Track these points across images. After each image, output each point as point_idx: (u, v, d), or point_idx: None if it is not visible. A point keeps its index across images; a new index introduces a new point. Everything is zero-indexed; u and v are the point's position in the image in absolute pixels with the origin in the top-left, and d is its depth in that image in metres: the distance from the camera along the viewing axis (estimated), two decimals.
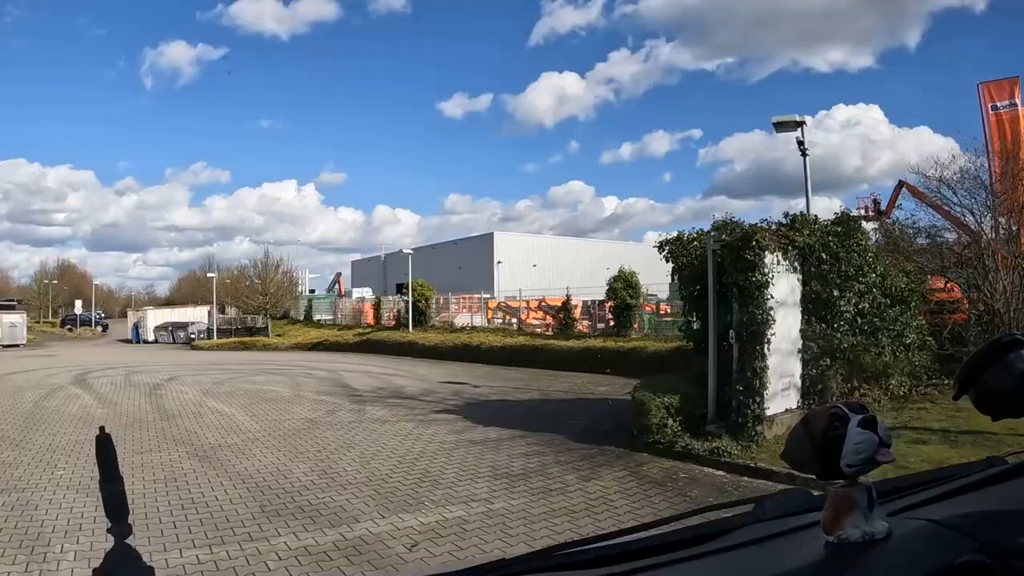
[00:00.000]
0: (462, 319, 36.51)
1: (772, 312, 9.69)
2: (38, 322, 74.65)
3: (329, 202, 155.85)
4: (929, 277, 14.72)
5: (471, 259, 61.98)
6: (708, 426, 9.62)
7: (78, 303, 66.18)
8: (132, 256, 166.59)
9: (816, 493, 1.26)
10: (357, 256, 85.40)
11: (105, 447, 1.03)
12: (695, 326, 11.37)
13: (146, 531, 5.92)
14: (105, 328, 67.58)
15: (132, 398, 15.11)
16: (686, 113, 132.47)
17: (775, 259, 10.03)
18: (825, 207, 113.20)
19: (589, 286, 31.08)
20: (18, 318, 48.82)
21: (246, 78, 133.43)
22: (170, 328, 51.32)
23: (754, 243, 9.69)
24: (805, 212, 12.39)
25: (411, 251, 36.45)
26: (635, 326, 26.90)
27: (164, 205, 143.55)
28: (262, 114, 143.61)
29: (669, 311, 28.62)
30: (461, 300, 39.98)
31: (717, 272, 10.11)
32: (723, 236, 10.17)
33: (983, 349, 1.24)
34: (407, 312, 35.33)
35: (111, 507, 1.01)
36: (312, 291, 59.93)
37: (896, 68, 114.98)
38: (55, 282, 78.68)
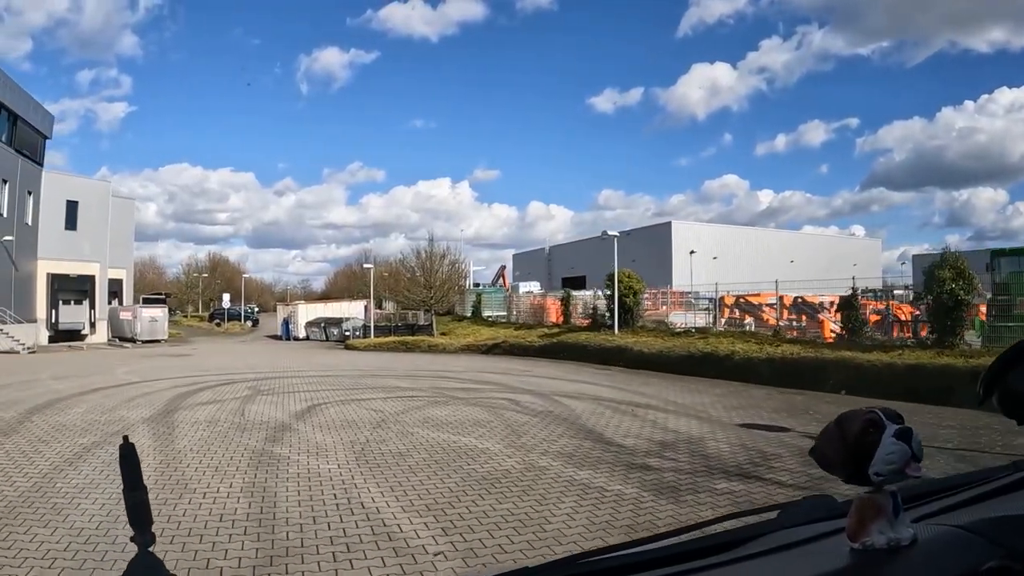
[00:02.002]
0: (675, 317, 28.43)
1: None
2: (186, 316, 72.90)
3: (483, 199, 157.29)
4: None
5: (646, 250, 55.48)
6: None
7: (226, 296, 62.68)
8: (291, 252, 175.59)
9: (840, 500, 1.24)
10: (511, 251, 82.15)
11: (128, 457, 1.04)
12: None
13: None
14: (255, 323, 64.13)
15: (226, 468, 7.85)
16: (842, 101, 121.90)
17: None
18: (990, 199, 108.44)
19: (811, 279, 25.59)
20: (159, 312, 45.47)
21: (398, 80, 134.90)
22: (322, 324, 46.15)
23: None
24: None
25: (616, 234, 28.41)
26: (961, 334, 18.11)
27: (322, 204, 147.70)
28: (415, 114, 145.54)
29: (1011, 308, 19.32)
30: (667, 295, 31.82)
31: None
32: None
33: (1008, 351, 1.18)
34: (607, 309, 27.66)
35: (135, 516, 1.02)
36: (477, 285, 53.69)
37: None
38: (204, 275, 76.18)
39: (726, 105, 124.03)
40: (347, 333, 42.23)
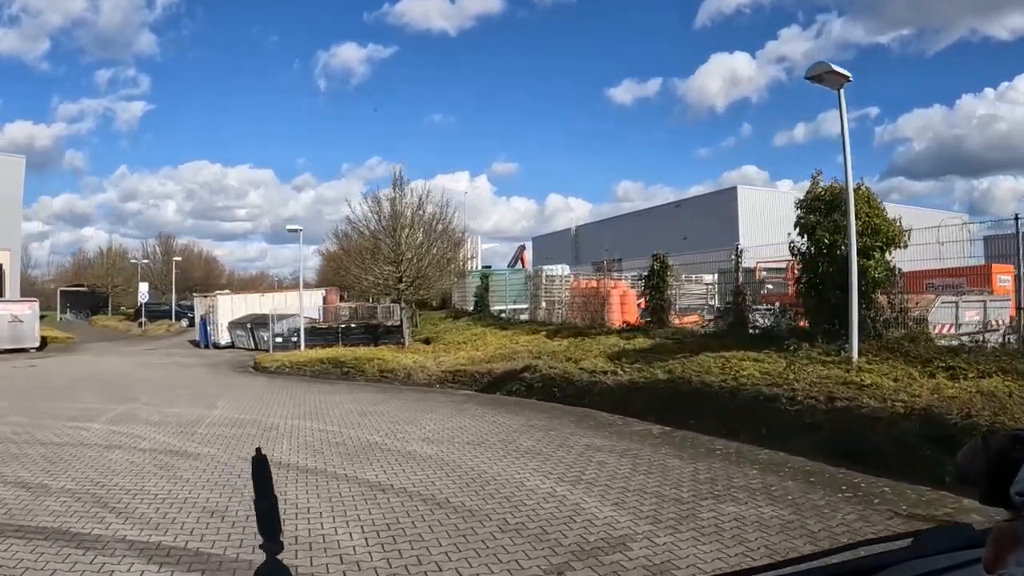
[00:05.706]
0: (941, 314, 12.24)
1: None
2: (106, 314, 57.07)
3: (501, 192, 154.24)
4: None
5: (702, 224, 43.95)
6: None
7: (143, 287, 45.17)
8: (310, 248, 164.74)
9: (979, 529, 1.17)
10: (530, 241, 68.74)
11: (260, 467, 1.06)
12: None
13: None
14: (192, 322, 48.54)
15: None
16: (861, 90, 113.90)
17: None
18: (1010, 188, 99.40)
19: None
20: (25, 309, 30.77)
21: (416, 74, 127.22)
22: (249, 325, 30.33)
23: None
24: None
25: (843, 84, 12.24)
26: None
27: (341, 199, 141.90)
28: (433, 108, 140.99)
29: None
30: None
31: None
32: None
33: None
34: (802, 297, 11.51)
35: (264, 524, 1.02)
36: (487, 267, 37.22)
37: None
38: (145, 261, 57.80)
39: (745, 95, 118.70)
40: (278, 339, 26.42)
